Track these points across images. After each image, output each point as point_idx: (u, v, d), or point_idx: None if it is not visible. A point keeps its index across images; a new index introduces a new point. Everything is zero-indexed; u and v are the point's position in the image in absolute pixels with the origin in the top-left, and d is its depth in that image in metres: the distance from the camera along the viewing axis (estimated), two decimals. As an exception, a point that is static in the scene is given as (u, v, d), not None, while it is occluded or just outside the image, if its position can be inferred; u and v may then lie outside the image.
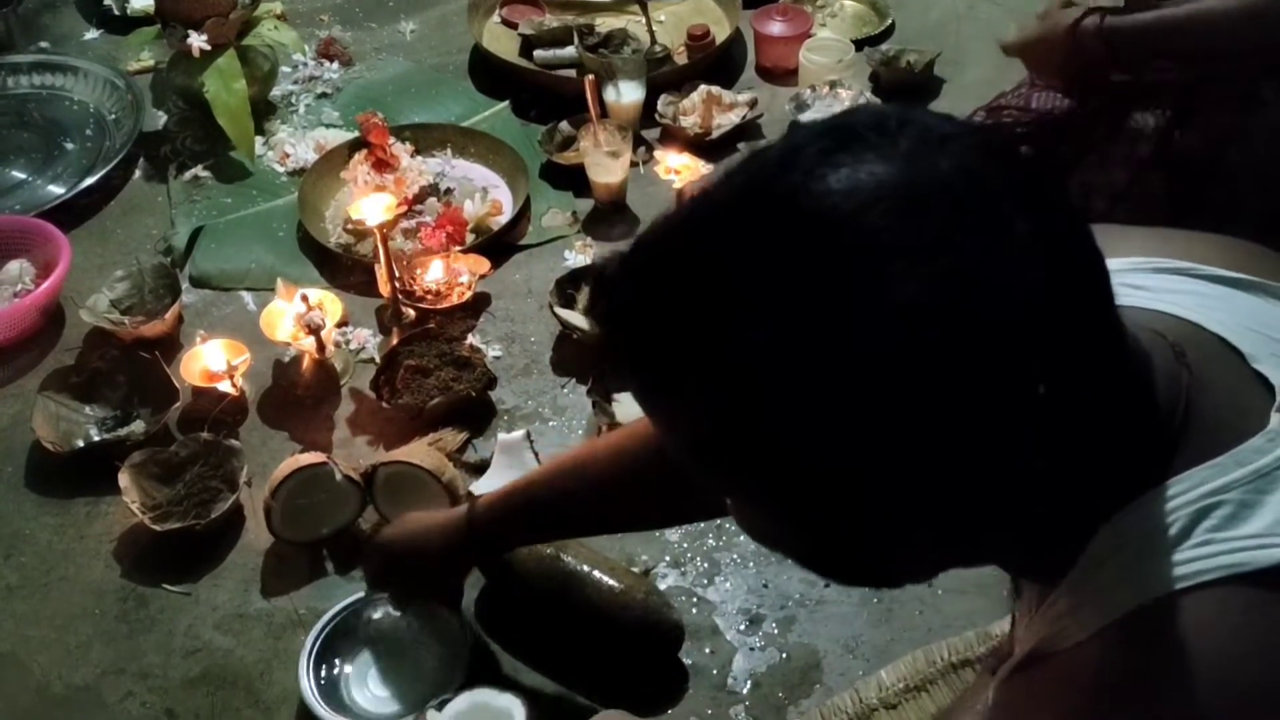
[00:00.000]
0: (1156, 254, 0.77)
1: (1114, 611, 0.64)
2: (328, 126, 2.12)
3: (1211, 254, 0.77)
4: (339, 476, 1.41)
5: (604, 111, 1.95)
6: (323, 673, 1.28)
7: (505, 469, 1.47)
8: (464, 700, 1.20)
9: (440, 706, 1.20)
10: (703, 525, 1.45)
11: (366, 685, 1.29)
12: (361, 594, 1.33)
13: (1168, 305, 0.72)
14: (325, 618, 1.31)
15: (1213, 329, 0.70)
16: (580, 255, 1.82)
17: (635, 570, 1.37)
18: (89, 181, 1.98)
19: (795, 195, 0.56)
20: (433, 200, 1.91)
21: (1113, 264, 0.62)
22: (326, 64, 2.27)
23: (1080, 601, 0.66)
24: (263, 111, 2.12)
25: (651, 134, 2.05)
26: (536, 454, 1.49)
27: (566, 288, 1.71)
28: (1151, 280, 0.75)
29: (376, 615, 1.32)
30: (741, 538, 1.44)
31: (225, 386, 1.59)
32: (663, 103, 2.05)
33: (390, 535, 1.31)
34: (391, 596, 1.31)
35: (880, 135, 0.57)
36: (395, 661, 1.30)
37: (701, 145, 1.97)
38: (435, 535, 1.25)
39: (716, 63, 2.17)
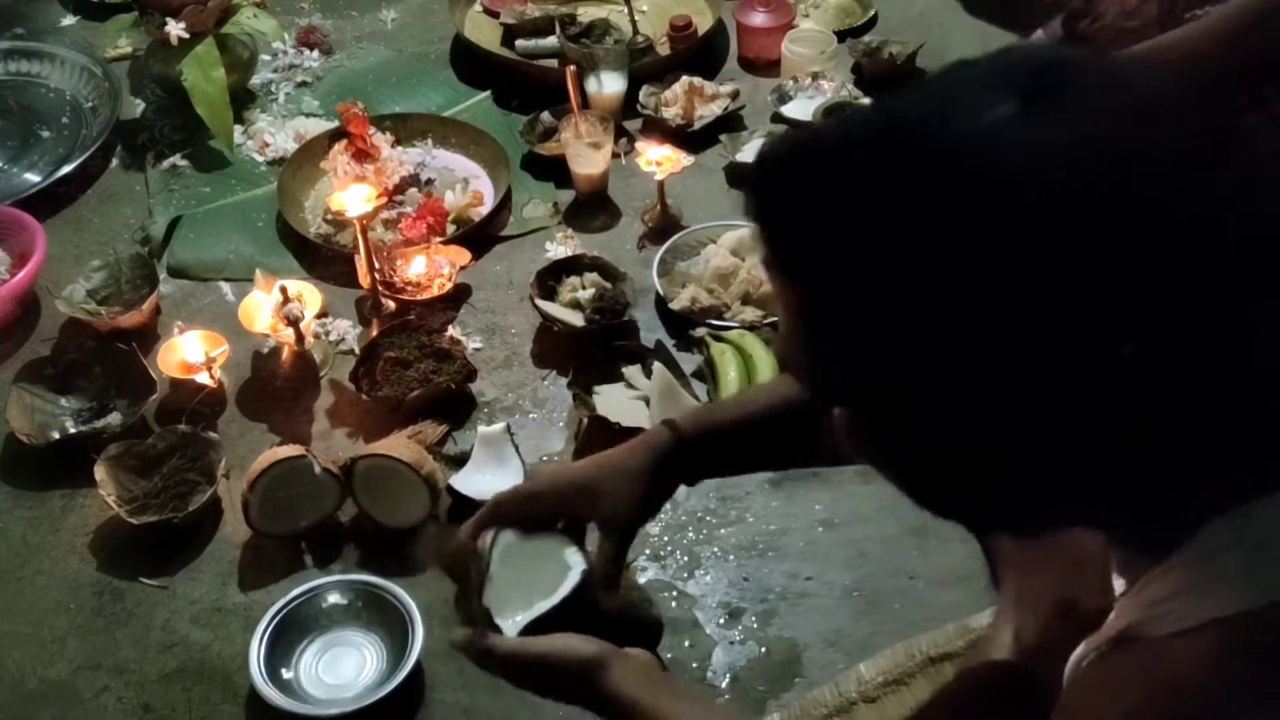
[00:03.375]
0: None
1: (1228, 606, 0.62)
2: (307, 116, 2.11)
3: None
4: (318, 469, 1.41)
5: (585, 102, 1.94)
6: (276, 657, 1.29)
7: (485, 462, 1.47)
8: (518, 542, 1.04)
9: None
10: (683, 518, 1.45)
11: (316, 670, 1.31)
12: (318, 581, 1.34)
13: None
14: (280, 603, 1.32)
15: None
16: (561, 246, 1.81)
17: (616, 564, 1.37)
18: (65, 170, 1.96)
19: (959, 147, 0.59)
20: (413, 191, 1.90)
21: None
22: (306, 52, 2.25)
23: (1187, 588, 0.64)
24: (242, 100, 2.10)
25: (633, 125, 2.04)
26: (517, 447, 1.48)
27: (547, 279, 1.70)
28: None
29: (329, 601, 1.33)
30: (723, 530, 1.44)
31: (203, 378, 1.57)
32: (644, 94, 2.05)
33: (567, 467, 1.17)
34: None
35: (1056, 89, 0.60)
36: (344, 648, 1.32)
37: (683, 136, 1.97)
38: (635, 453, 1.05)
39: (699, 54, 2.17)
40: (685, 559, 1.41)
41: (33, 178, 1.98)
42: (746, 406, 1.10)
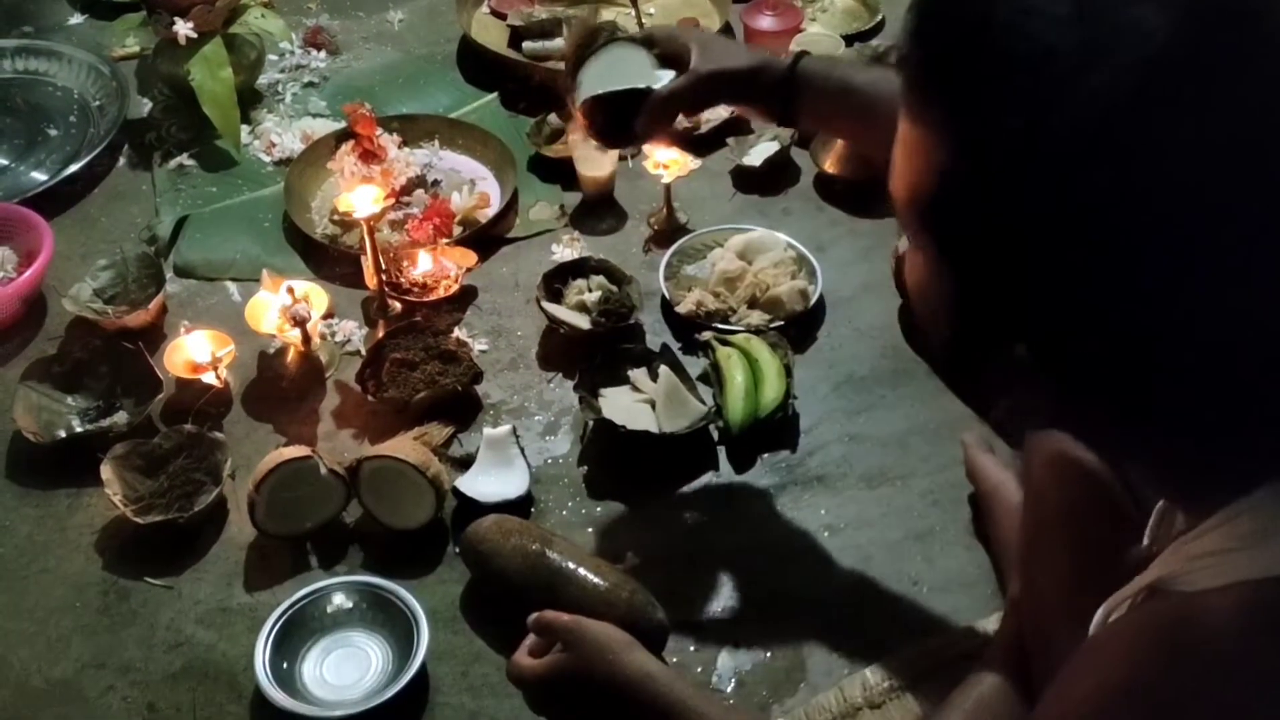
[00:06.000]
0: None
1: (1265, 569, 0.62)
2: (314, 116, 2.11)
3: None
4: (323, 470, 1.41)
5: (593, 104, 1.94)
6: (280, 659, 1.29)
7: (491, 464, 1.47)
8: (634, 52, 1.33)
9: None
10: (688, 521, 1.45)
11: (321, 672, 1.30)
12: (324, 582, 1.34)
13: None
14: (285, 604, 1.32)
15: None
16: (568, 249, 1.81)
17: (621, 568, 1.37)
18: (73, 169, 1.96)
19: None
20: (420, 192, 1.90)
21: None
22: (313, 53, 2.26)
23: (1230, 547, 0.64)
24: (249, 100, 2.10)
25: (640, 127, 2.04)
26: (522, 449, 1.48)
27: (554, 282, 1.70)
28: None
29: (334, 602, 1.34)
30: (728, 535, 1.44)
31: (209, 378, 1.57)
32: (652, 96, 2.04)
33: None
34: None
35: None
36: (348, 650, 1.32)
37: (690, 139, 1.97)
38: (751, 52, 1.36)
39: (706, 56, 2.16)
40: (690, 563, 1.41)
41: (40, 176, 1.98)
42: (860, 78, 1.24)
